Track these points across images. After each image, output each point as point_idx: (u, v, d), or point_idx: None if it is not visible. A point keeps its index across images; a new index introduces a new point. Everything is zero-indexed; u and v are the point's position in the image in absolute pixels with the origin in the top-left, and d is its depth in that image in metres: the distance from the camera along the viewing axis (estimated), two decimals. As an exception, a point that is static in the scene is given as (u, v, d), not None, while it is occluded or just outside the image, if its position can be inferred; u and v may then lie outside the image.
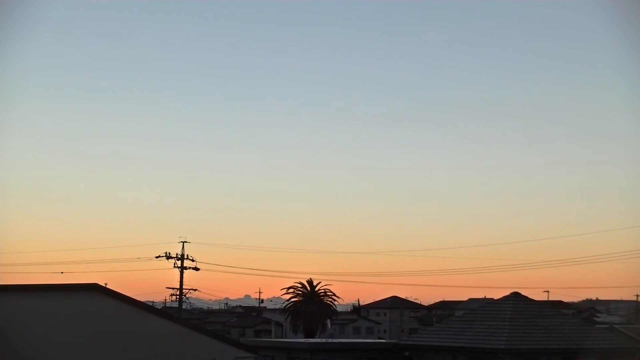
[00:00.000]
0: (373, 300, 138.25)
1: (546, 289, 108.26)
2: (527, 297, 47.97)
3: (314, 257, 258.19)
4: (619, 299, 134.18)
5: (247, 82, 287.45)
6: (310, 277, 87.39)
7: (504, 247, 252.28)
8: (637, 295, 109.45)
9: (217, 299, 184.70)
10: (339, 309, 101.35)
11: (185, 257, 66.32)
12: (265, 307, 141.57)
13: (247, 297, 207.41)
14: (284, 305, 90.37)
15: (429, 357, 45.08)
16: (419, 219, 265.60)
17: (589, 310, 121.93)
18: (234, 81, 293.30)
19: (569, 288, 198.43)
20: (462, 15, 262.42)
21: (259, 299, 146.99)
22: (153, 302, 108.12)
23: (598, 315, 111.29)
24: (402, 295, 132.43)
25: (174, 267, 66.26)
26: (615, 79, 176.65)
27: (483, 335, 42.78)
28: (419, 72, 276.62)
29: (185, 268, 66.55)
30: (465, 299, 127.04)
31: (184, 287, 67.49)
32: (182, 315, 63.71)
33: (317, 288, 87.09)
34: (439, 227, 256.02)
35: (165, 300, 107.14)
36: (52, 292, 28.90)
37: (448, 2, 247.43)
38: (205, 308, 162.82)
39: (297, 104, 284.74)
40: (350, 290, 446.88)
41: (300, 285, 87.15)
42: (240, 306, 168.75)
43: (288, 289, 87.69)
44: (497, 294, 71.51)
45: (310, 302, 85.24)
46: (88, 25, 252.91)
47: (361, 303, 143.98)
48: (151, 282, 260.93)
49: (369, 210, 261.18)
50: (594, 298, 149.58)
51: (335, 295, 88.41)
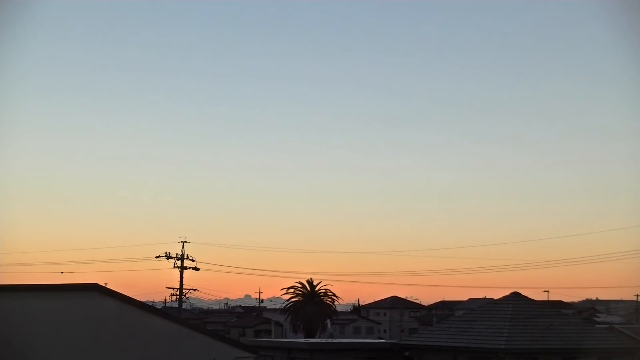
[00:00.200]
0: (373, 300, 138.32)
1: (546, 289, 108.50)
2: (527, 297, 47.96)
3: (314, 257, 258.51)
4: (619, 299, 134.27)
5: (247, 82, 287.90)
6: (310, 277, 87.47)
7: (504, 247, 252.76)
8: (637, 295, 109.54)
9: (217, 299, 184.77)
10: (339, 309, 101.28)
11: (185, 257, 66.32)
12: (265, 307, 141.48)
13: (247, 297, 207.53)
14: (284, 305, 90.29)
15: (429, 357, 45.05)
16: (419, 219, 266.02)
17: (589, 310, 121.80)
18: (235, 81, 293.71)
19: (569, 288, 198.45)
20: (464, 15, 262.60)
21: (259, 299, 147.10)
22: (153, 302, 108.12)
23: (598, 315, 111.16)
24: (402, 295, 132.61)
25: (174, 267, 66.29)
26: (616, 79, 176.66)
27: (483, 335, 42.76)
28: (419, 71, 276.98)
29: (185, 268, 66.54)
30: (465, 299, 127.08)
31: (184, 287, 67.49)
32: (182, 315, 63.67)
33: (317, 288, 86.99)
34: (439, 227, 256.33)
35: (165, 300, 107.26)
36: (52, 292, 28.86)
37: (449, 1, 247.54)
38: (205, 308, 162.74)
39: (298, 103, 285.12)
40: (350, 290, 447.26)
41: (300, 285, 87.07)
42: (240, 306, 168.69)
43: (288, 289, 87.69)
44: (497, 294, 71.61)
45: (310, 302, 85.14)
46: (88, 25, 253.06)
47: (361, 303, 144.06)
48: (151, 282, 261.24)
49: (369, 210, 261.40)
50: (594, 298, 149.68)
51: (335, 295, 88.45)
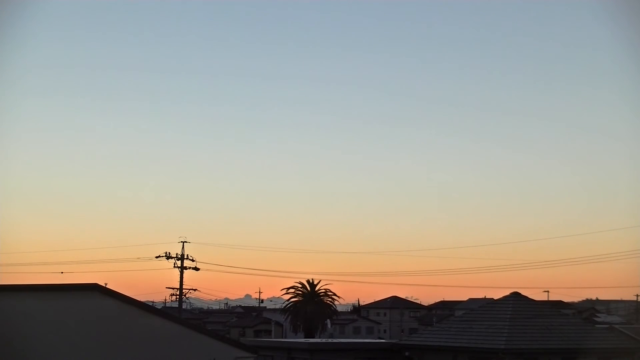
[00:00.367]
0: (373, 300, 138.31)
1: (546, 289, 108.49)
2: (527, 297, 47.97)
3: (314, 257, 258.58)
4: (619, 299, 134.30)
5: (247, 82, 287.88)
6: (311, 277, 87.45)
7: (504, 247, 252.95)
8: (637, 295, 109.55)
9: (217, 299, 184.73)
10: (339, 309, 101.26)
11: (185, 257, 66.30)
12: (265, 307, 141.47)
13: (247, 297, 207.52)
14: (284, 305, 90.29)
15: (429, 357, 45.04)
16: (419, 219, 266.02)
17: (589, 310, 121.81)
18: (235, 81, 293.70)
19: (569, 288, 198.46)
20: (464, 15, 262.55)
21: (259, 299, 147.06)
22: (153, 302, 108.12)
23: (598, 315, 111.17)
24: (402, 295, 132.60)
25: (174, 267, 66.27)
26: (617, 78, 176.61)
27: (483, 335, 42.76)
28: (419, 71, 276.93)
29: (185, 268, 66.52)
30: (465, 299, 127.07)
31: (184, 287, 67.48)
32: (182, 315, 63.65)
33: (317, 288, 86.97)
34: (439, 227, 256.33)
35: (165, 300, 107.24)
36: (52, 292, 28.85)
37: (449, 1, 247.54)
38: (205, 308, 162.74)
39: (298, 103, 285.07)
40: (350, 290, 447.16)
41: (300, 285, 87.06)
42: (240, 306, 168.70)
43: (288, 289, 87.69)
44: (497, 294, 71.60)
45: (310, 302, 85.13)
46: (88, 25, 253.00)
47: (361, 303, 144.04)
48: (151, 282, 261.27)
49: (369, 210, 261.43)
50: (594, 298, 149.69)
51: (335, 295, 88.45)
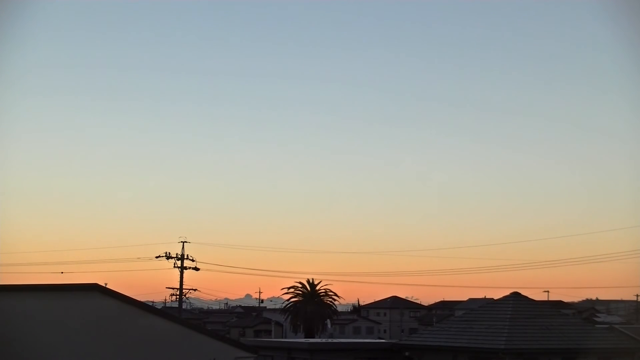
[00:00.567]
0: (373, 300, 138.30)
1: (546, 289, 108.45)
2: (527, 297, 47.98)
3: (314, 257, 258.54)
4: (619, 299, 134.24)
5: (247, 82, 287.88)
6: (311, 277, 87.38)
7: (504, 247, 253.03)
8: (637, 295, 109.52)
9: (217, 299, 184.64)
10: (339, 309, 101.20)
11: (185, 257, 66.29)
12: (265, 307, 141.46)
13: (247, 297, 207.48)
14: (284, 305, 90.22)
15: (429, 357, 45.05)
16: (419, 219, 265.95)
17: (589, 310, 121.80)
18: (235, 81, 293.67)
19: (569, 288, 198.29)
20: (464, 15, 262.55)
21: (259, 299, 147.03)
22: (153, 302, 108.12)
23: (598, 315, 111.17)
24: (402, 295, 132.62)
25: (174, 267, 66.25)
26: (617, 78, 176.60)
27: (483, 335, 42.76)
28: (419, 71, 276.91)
29: (185, 268, 66.51)
30: (465, 299, 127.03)
31: (184, 287, 67.47)
32: (182, 315, 63.65)
33: (317, 288, 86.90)
34: (439, 227, 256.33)
35: (165, 300, 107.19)
36: (52, 292, 28.85)
37: (450, 1, 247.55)
38: (205, 308, 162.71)
39: (298, 103, 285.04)
40: (350, 290, 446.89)
41: (300, 285, 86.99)
42: (240, 306, 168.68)
43: (288, 289, 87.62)
44: (497, 294, 71.59)
45: (311, 302, 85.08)
46: (88, 25, 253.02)
47: (361, 303, 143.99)
48: (151, 282, 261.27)
49: (369, 210, 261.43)
50: (594, 298, 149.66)
51: (335, 295, 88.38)
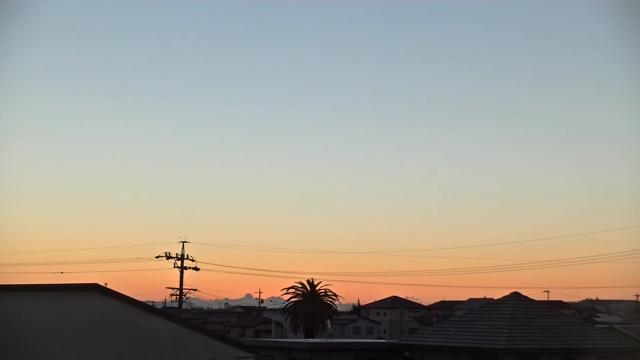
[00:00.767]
0: (373, 300, 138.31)
1: (546, 289, 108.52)
2: (527, 297, 47.98)
3: (314, 257, 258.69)
4: (619, 299, 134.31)
5: (247, 82, 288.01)
6: (311, 277, 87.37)
7: (504, 247, 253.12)
8: (637, 295, 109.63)
9: (217, 299, 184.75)
10: (339, 309, 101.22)
11: (185, 257, 66.29)
12: (265, 307, 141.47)
13: (247, 297, 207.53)
14: (284, 305, 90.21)
15: (429, 357, 45.05)
16: (419, 219, 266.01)
17: (589, 310, 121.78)
18: (235, 81, 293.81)
19: (569, 288, 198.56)
20: (465, 15, 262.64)
21: (259, 299, 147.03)
22: (153, 302, 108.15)
23: (598, 315, 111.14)
24: (402, 295, 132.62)
25: (174, 267, 66.26)
26: (617, 78, 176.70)
27: (483, 335, 42.76)
28: (420, 70, 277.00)
29: (185, 268, 66.52)
30: (465, 299, 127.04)
31: (184, 287, 67.48)
32: (182, 315, 63.66)
33: (317, 288, 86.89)
34: (439, 227, 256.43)
35: (165, 300, 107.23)
36: (52, 292, 28.86)
37: (451, 1, 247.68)
38: (205, 308, 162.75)
39: (298, 103, 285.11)
40: (350, 290, 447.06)
41: (300, 285, 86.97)
42: (240, 306, 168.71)
43: (288, 289, 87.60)
44: (497, 294, 71.65)
45: (311, 302, 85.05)
46: (88, 25, 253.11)
47: (361, 303, 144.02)
48: (151, 282, 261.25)
49: (368, 210, 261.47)
50: (594, 298, 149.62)
51: (335, 295, 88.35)
